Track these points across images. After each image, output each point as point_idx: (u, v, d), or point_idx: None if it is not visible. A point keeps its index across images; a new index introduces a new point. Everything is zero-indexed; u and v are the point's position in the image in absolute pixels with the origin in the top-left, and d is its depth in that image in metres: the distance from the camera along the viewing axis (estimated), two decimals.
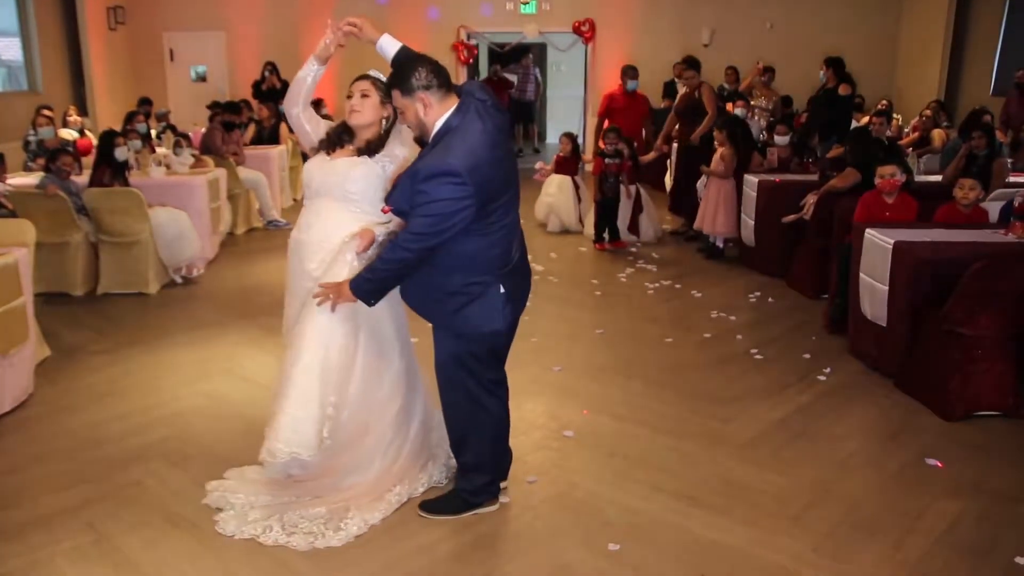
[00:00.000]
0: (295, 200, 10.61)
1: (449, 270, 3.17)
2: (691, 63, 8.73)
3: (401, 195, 3.11)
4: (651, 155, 9.22)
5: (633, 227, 8.64)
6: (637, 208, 8.66)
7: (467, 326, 3.23)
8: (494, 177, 3.08)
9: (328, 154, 3.63)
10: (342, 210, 3.57)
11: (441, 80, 3.09)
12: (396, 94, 3.15)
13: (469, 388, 3.39)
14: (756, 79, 10.87)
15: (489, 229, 3.14)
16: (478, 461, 3.53)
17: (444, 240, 3.05)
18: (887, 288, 4.98)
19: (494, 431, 3.53)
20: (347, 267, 3.45)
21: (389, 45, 3.42)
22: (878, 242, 5.06)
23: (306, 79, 3.63)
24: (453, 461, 3.71)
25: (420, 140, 3.25)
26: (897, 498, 3.73)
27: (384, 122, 3.61)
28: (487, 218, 3.10)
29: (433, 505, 3.57)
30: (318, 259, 3.55)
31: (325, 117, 3.88)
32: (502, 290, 3.22)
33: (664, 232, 8.98)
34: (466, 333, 3.26)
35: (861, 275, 5.25)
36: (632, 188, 8.52)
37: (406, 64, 3.15)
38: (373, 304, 3.29)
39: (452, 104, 3.12)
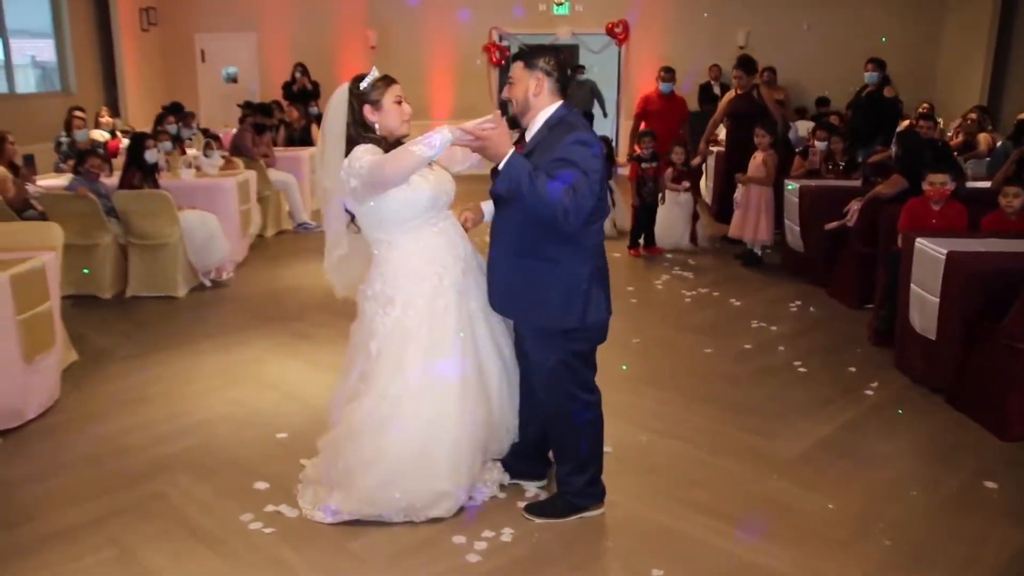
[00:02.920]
0: None
1: (567, 261, 3.20)
2: (741, 63, 8.51)
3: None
4: (697, 159, 9.03)
5: (693, 235, 8.54)
6: (695, 216, 8.56)
7: (578, 320, 3.23)
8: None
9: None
10: None
11: (560, 76, 3.22)
12: (519, 64, 3.23)
13: (568, 389, 3.37)
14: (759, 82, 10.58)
15: (593, 223, 3.21)
16: (577, 462, 3.48)
17: (589, 207, 3.06)
18: (938, 300, 4.77)
19: (592, 431, 3.49)
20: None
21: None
22: (930, 252, 4.85)
23: (425, 161, 3.18)
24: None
25: (513, 120, 3.28)
26: (954, 524, 3.53)
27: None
28: (592, 212, 3.15)
29: (538, 507, 3.55)
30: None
31: (370, 130, 3.37)
32: (598, 285, 3.28)
33: (709, 239, 8.79)
34: (576, 328, 3.25)
35: (911, 286, 5.05)
36: (687, 195, 8.42)
37: (541, 47, 3.30)
38: (498, 188, 3.11)
39: (558, 102, 3.23)
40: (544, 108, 3.21)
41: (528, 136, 3.28)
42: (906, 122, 9.42)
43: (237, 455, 4.08)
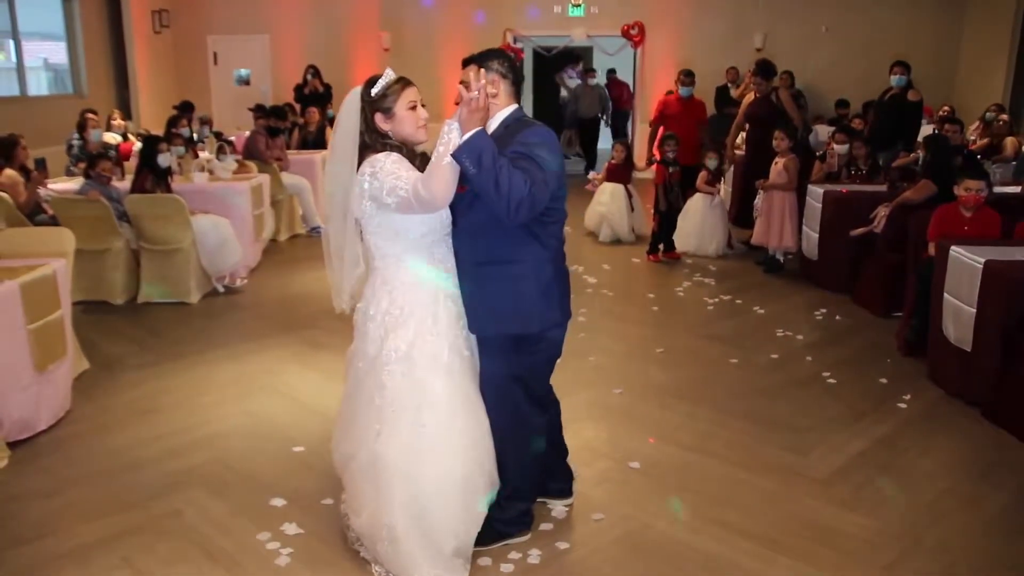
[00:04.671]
0: None
1: (530, 264, 3.10)
2: (760, 68, 8.37)
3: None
4: (727, 165, 8.89)
5: (728, 240, 8.50)
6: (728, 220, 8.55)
7: (539, 323, 3.13)
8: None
9: None
10: None
11: (515, 79, 3.17)
12: (472, 68, 3.11)
13: (520, 408, 3.20)
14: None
15: (552, 225, 3.15)
16: (516, 487, 3.29)
17: (544, 201, 2.97)
18: (975, 310, 4.62)
19: (538, 460, 3.31)
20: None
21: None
22: (966, 260, 4.70)
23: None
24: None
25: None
26: (1002, 547, 3.38)
27: None
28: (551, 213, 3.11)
29: None
30: None
31: (385, 137, 3.13)
32: (560, 289, 3.21)
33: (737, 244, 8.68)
34: (538, 333, 3.14)
35: (945, 295, 4.89)
36: (720, 199, 8.36)
37: (494, 50, 3.21)
38: (457, 156, 2.83)
39: (514, 104, 3.18)
40: (501, 109, 3.12)
41: None
42: (930, 127, 9.26)
43: (253, 470, 3.96)
